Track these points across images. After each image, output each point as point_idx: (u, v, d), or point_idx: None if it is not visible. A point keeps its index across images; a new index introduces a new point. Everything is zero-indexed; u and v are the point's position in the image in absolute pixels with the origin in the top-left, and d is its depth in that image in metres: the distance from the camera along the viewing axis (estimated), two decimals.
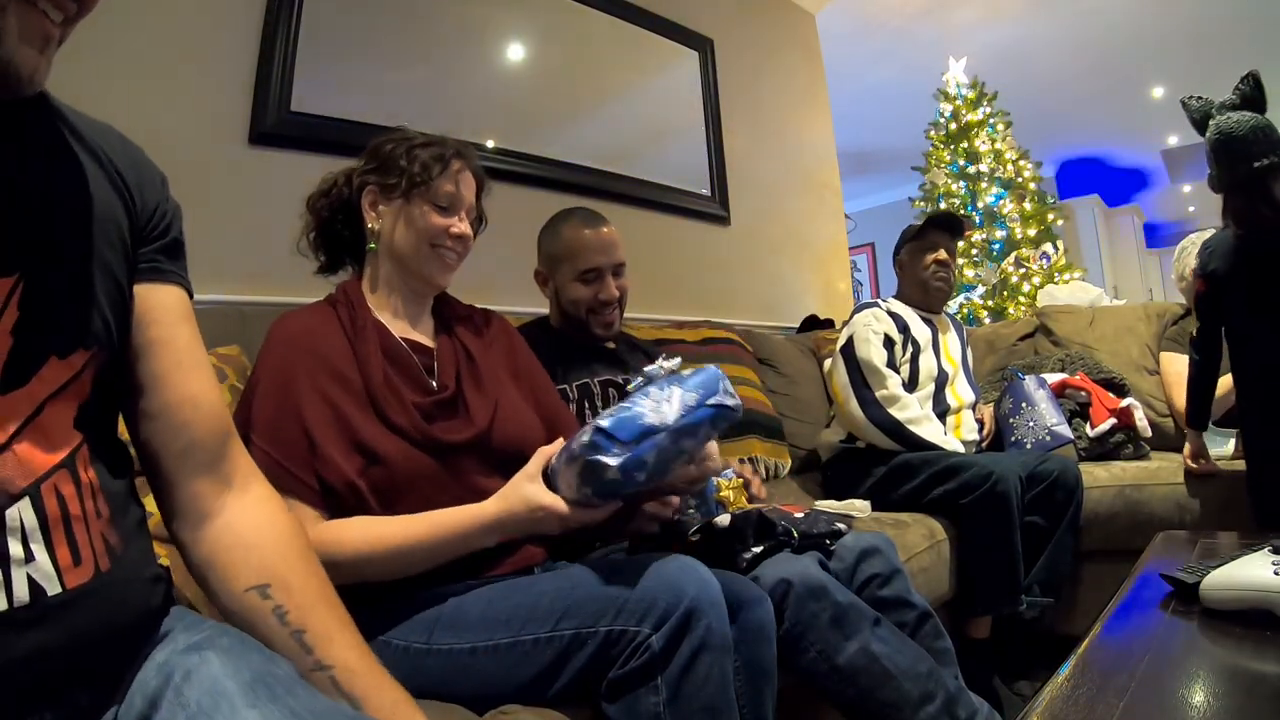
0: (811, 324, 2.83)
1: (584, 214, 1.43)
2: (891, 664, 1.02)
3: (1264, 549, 0.89)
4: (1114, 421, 2.03)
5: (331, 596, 0.64)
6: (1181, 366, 1.81)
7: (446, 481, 0.90)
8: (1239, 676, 0.76)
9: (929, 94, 4.63)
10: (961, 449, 1.83)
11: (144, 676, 0.51)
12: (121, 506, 0.56)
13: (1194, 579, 0.92)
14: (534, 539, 0.94)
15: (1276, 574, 0.83)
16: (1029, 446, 1.94)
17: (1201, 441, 1.78)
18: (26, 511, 0.48)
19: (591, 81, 2.43)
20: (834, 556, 1.16)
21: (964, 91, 4.52)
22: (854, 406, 1.84)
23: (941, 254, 1.99)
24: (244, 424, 0.85)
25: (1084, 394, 2.11)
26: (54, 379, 0.51)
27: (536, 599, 0.81)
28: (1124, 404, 2.07)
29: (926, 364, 1.93)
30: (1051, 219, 4.29)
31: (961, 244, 3.12)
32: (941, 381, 1.94)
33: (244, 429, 0.84)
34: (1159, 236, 8.54)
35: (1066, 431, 1.97)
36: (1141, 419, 2.06)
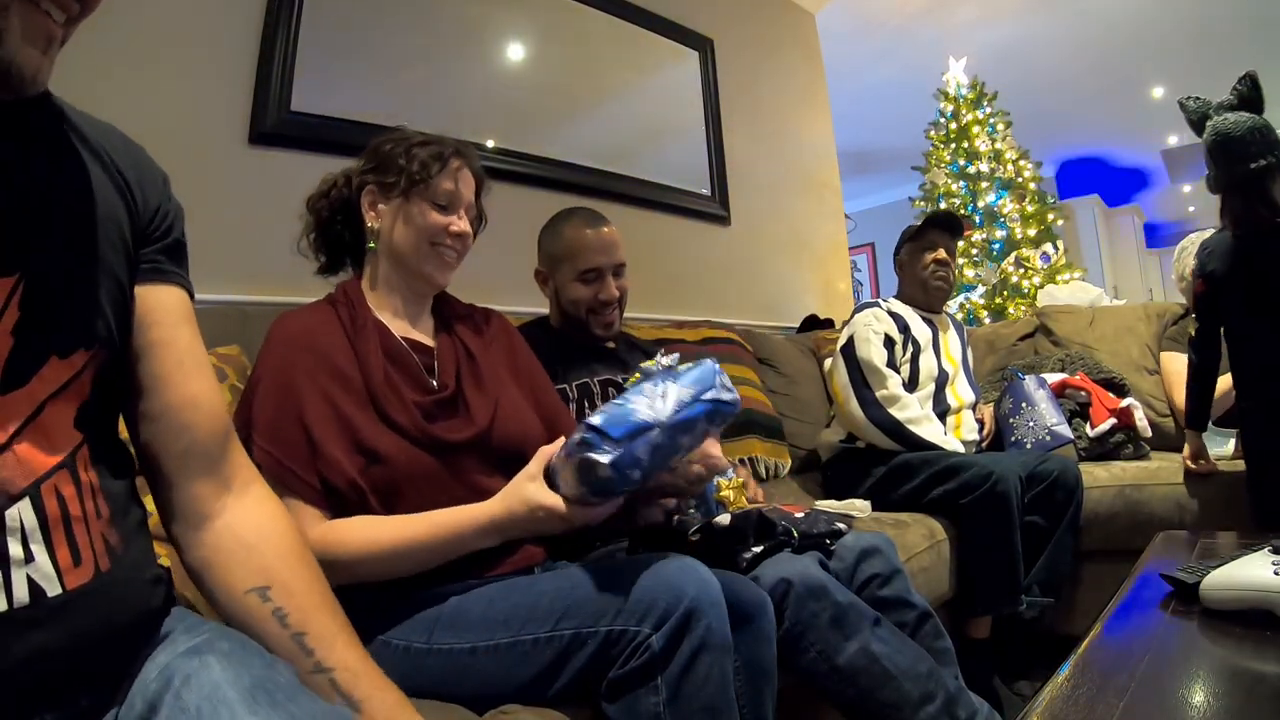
0: (811, 324, 2.83)
1: (585, 214, 1.43)
2: (891, 664, 1.02)
3: (1264, 549, 0.89)
4: (1114, 421, 2.03)
5: (331, 599, 0.64)
6: (1182, 365, 1.80)
7: (447, 481, 0.90)
8: (1239, 676, 0.76)
9: (929, 94, 4.63)
10: (961, 449, 1.83)
11: (144, 679, 0.51)
12: (122, 507, 0.56)
13: (1194, 579, 0.92)
14: (535, 539, 0.94)
15: (1276, 574, 0.83)
16: (1029, 446, 1.94)
17: (1201, 442, 1.78)
18: (26, 512, 0.47)
19: (591, 81, 2.43)
20: (834, 556, 1.16)
21: (964, 91, 4.52)
22: (854, 406, 1.84)
23: (941, 253, 1.99)
24: (245, 423, 0.85)
25: (1084, 394, 2.11)
26: (54, 379, 0.51)
27: (536, 599, 0.81)
28: (1124, 404, 2.07)
29: (927, 364, 1.93)
30: (1051, 219, 4.29)
31: (961, 244, 3.13)
32: (942, 381, 1.94)
33: (245, 429, 0.84)
34: (1159, 236, 8.54)
35: (1066, 431, 1.97)
36: (1141, 419, 2.06)
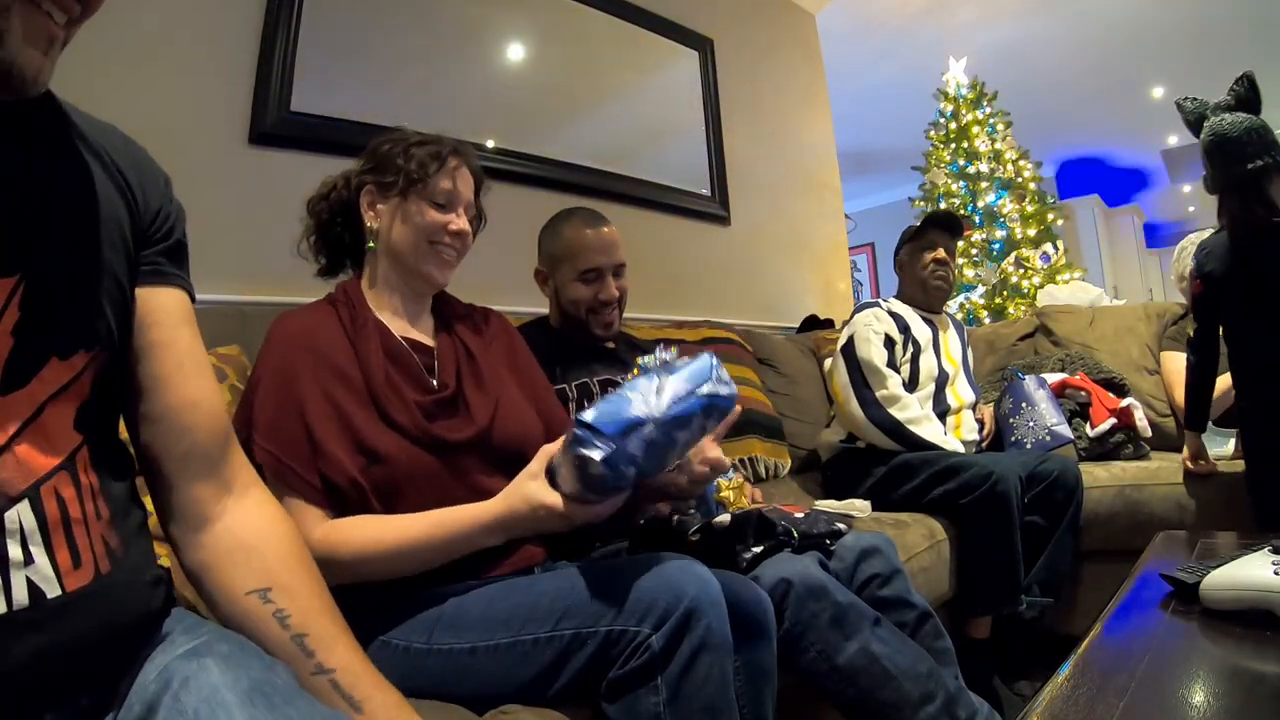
0: (811, 324, 2.83)
1: (585, 214, 1.43)
2: (891, 664, 1.02)
3: (1264, 549, 0.89)
4: (1114, 421, 2.03)
5: (330, 602, 0.64)
6: (1182, 365, 1.80)
7: (448, 480, 0.90)
8: (1239, 676, 0.76)
9: (929, 94, 4.63)
10: (961, 449, 1.83)
11: (143, 680, 0.51)
12: (122, 508, 0.55)
13: (1194, 579, 0.92)
14: (535, 538, 0.94)
15: (1276, 574, 0.83)
16: (1029, 446, 1.94)
17: (1200, 443, 1.78)
18: (26, 514, 0.47)
19: (591, 81, 2.43)
20: (834, 556, 1.16)
21: (964, 91, 4.52)
22: (854, 406, 1.84)
23: (940, 253, 1.99)
24: (245, 423, 0.85)
25: (1084, 394, 2.11)
26: (54, 380, 0.51)
27: (536, 599, 0.81)
28: (1124, 404, 2.07)
29: (927, 364, 1.93)
30: (1051, 219, 4.29)
31: (961, 244, 3.13)
32: (942, 381, 1.94)
33: (245, 428, 0.84)
34: (1159, 236, 8.54)
35: (1066, 431, 1.97)
36: (1141, 419, 2.06)
